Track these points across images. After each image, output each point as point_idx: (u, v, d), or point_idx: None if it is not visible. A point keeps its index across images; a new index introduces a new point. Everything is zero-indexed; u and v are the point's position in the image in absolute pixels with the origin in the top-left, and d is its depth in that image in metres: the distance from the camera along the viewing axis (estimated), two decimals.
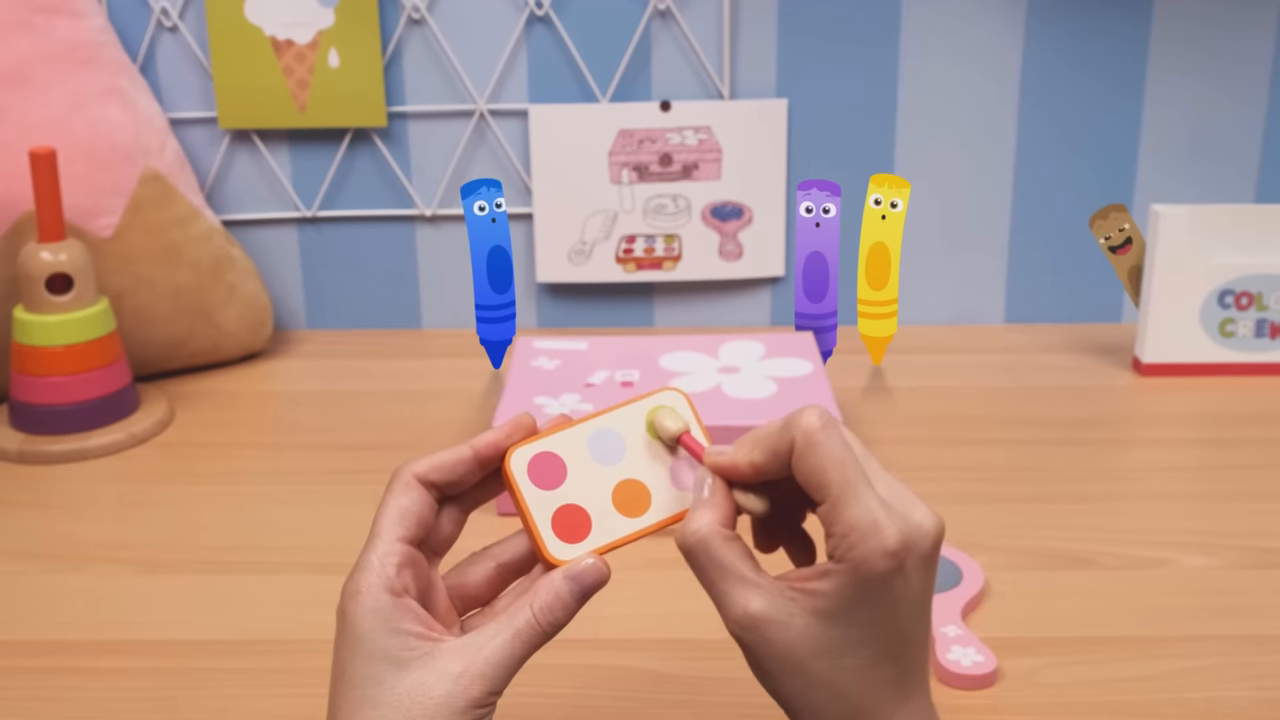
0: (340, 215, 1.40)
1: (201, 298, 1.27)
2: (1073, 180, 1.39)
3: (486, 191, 1.21)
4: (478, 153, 1.38)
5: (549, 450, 0.61)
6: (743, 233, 1.39)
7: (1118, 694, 0.76)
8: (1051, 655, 0.80)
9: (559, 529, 0.60)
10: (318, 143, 1.38)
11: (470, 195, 1.20)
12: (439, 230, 1.41)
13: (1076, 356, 1.32)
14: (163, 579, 0.92)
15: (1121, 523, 0.98)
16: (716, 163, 1.37)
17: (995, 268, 1.42)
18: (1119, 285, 1.40)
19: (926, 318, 1.43)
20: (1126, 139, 1.37)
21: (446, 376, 1.29)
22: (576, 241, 1.39)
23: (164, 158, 1.25)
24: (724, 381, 1.06)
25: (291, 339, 1.41)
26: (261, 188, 1.39)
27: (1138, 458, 1.10)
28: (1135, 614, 0.85)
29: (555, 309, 1.43)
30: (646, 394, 0.64)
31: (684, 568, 0.59)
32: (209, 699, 0.77)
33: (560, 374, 1.09)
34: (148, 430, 1.15)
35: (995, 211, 1.40)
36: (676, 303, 1.43)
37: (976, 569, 0.88)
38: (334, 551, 0.94)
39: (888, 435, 1.13)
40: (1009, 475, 1.06)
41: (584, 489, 0.61)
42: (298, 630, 0.84)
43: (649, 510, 0.62)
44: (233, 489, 1.05)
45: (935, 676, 0.77)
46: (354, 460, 1.10)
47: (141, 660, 0.81)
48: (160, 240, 1.23)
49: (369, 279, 1.43)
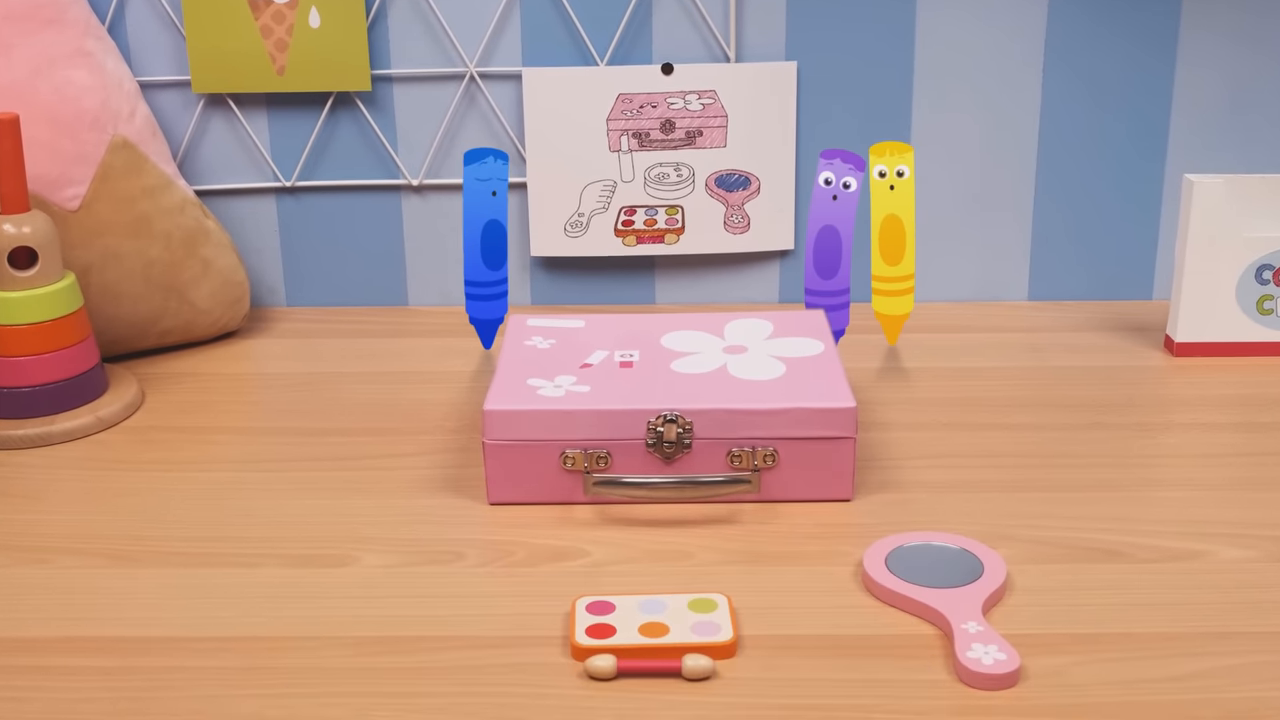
0: (321, 185, 1.40)
1: (174, 273, 1.27)
2: (1101, 147, 1.38)
3: (493, 164, 1.20)
4: (468, 118, 1.38)
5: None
6: (749, 204, 1.39)
7: (1148, 694, 0.76)
8: (1078, 653, 0.80)
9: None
10: (297, 108, 1.37)
11: (474, 164, 1.19)
12: (426, 201, 1.41)
13: (1105, 335, 1.32)
14: (132, 572, 0.91)
15: (1153, 513, 0.97)
16: (722, 129, 1.36)
17: (1018, 241, 1.41)
18: (1151, 259, 1.40)
19: (945, 294, 1.43)
20: (1158, 102, 1.37)
21: (434, 357, 1.29)
22: (573, 213, 1.39)
23: (134, 124, 1.25)
24: (729, 362, 1.06)
25: (269, 317, 1.41)
26: (238, 156, 1.39)
27: (1170, 443, 1.09)
28: (1167, 609, 0.85)
29: (550, 285, 1.43)
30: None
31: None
32: (182, 700, 0.77)
33: (555, 354, 1.09)
34: (116, 414, 1.15)
35: (1019, 180, 1.40)
36: (679, 278, 1.43)
37: (998, 561, 0.88)
38: (314, 543, 0.95)
39: (903, 420, 1.13)
40: (1033, 462, 1.06)
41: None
42: (276, 626, 0.84)
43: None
44: (207, 476, 1.05)
45: (955, 675, 0.77)
46: (335, 446, 1.10)
47: (110, 659, 0.81)
48: (130, 212, 1.23)
49: (352, 253, 1.42)
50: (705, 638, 0.80)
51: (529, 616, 0.85)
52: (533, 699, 0.76)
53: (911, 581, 0.85)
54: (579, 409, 0.98)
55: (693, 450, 0.98)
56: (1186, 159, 1.38)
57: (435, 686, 0.78)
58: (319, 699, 0.77)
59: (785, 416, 0.97)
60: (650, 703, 0.76)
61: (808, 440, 0.98)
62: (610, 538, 0.95)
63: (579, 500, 0.99)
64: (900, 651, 0.80)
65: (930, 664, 0.79)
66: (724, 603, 0.84)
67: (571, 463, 0.98)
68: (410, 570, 0.91)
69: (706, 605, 0.83)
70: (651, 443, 0.98)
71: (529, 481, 0.99)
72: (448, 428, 1.13)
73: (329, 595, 0.88)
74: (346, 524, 0.97)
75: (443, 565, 0.91)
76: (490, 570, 0.91)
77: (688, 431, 0.97)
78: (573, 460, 0.98)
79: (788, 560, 0.91)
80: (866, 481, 1.02)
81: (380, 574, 0.90)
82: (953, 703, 0.75)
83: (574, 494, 0.99)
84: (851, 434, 0.98)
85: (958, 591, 0.84)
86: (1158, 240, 1.40)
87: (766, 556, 0.92)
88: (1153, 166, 1.38)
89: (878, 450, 1.07)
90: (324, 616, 0.85)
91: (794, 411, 0.97)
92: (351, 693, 0.77)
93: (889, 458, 1.06)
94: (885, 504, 0.99)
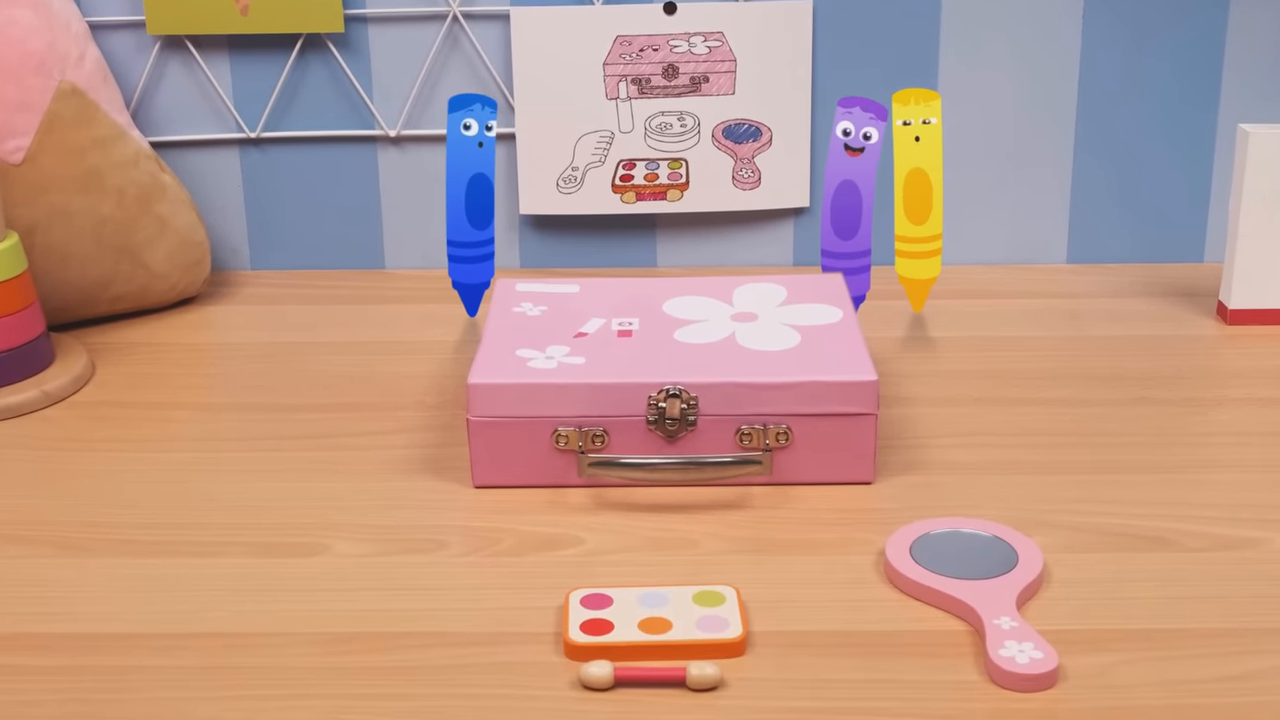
0: (289, 136, 1.40)
1: (127, 233, 1.27)
2: (1146, 95, 1.38)
3: (480, 110, 1.21)
4: (450, 63, 1.37)
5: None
6: (760, 157, 1.39)
7: (1199, 696, 0.76)
8: (1122, 651, 0.80)
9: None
10: (263, 51, 1.37)
11: (458, 111, 1.19)
12: (405, 154, 1.40)
13: (1151, 302, 1.32)
14: (82, 562, 0.91)
15: (1204, 496, 0.97)
16: (730, 74, 1.36)
17: (1056, 199, 1.41)
18: (1202, 218, 1.40)
19: (975, 256, 1.43)
20: (1209, 48, 1.36)
21: (414, 326, 1.29)
22: (566, 167, 1.39)
23: (83, 69, 1.25)
24: (738, 331, 1.06)
25: (232, 281, 1.41)
26: (197, 104, 1.39)
27: (1223, 420, 1.09)
28: (1220, 603, 0.85)
29: (541, 246, 1.43)
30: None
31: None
32: (137, 703, 0.77)
33: (547, 322, 1.09)
34: (64, 388, 1.15)
35: (1056, 133, 1.39)
36: (683, 238, 1.43)
37: (1034, 551, 0.88)
38: (281, 530, 0.95)
39: (930, 394, 1.13)
40: (1072, 441, 1.05)
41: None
42: (239, 622, 0.84)
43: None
44: (163, 457, 1.05)
45: (986, 675, 0.77)
46: (305, 424, 1.10)
47: (58, 657, 0.81)
48: (79, 165, 1.23)
49: (323, 211, 1.43)
50: (711, 634, 0.80)
51: (518, 611, 0.84)
52: (522, 701, 0.76)
53: (938, 572, 0.85)
54: (573, 382, 0.98)
55: (698, 428, 0.98)
56: (1240, 108, 1.38)
57: (414, 688, 0.78)
58: (285, 701, 0.77)
59: (799, 391, 0.97)
60: (651, 706, 0.76)
61: (824, 417, 0.98)
62: (607, 524, 0.95)
63: (573, 483, 0.99)
64: (926, 650, 0.80)
65: (959, 663, 0.79)
66: (732, 596, 0.83)
67: (564, 442, 0.98)
68: (386, 560, 0.91)
69: (713, 598, 0.83)
70: (653, 420, 0.97)
71: (518, 462, 0.99)
72: (428, 403, 1.13)
73: (297, 587, 0.88)
74: (317, 509, 0.97)
75: (422, 554, 0.91)
76: (475, 560, 0.91)
77: (692, 407, 0.97)
78: (566, 439, 0.98)
79: (802, 549, 0.91)
80: (889, 462, 1.02)
81: (353, 564, 0.90)
82: (984, 706, 0.75)
83: (567, 476, 0.99)
84: (873, 410, 0.98)
85: (989, 583, 0.84)
86: (1209, 197, 1.40)
87: (779, 545, 0.92)
88: (1204, 116, 1.38)
89: (901, 428, 1.07)
90: (291, 611, 0.85)
91: (809, 385, 0.97)
92: (321, 695, 0.77)
93: (914, 436, 1.06)
94: (910, 487, 0.99)
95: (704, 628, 0.80)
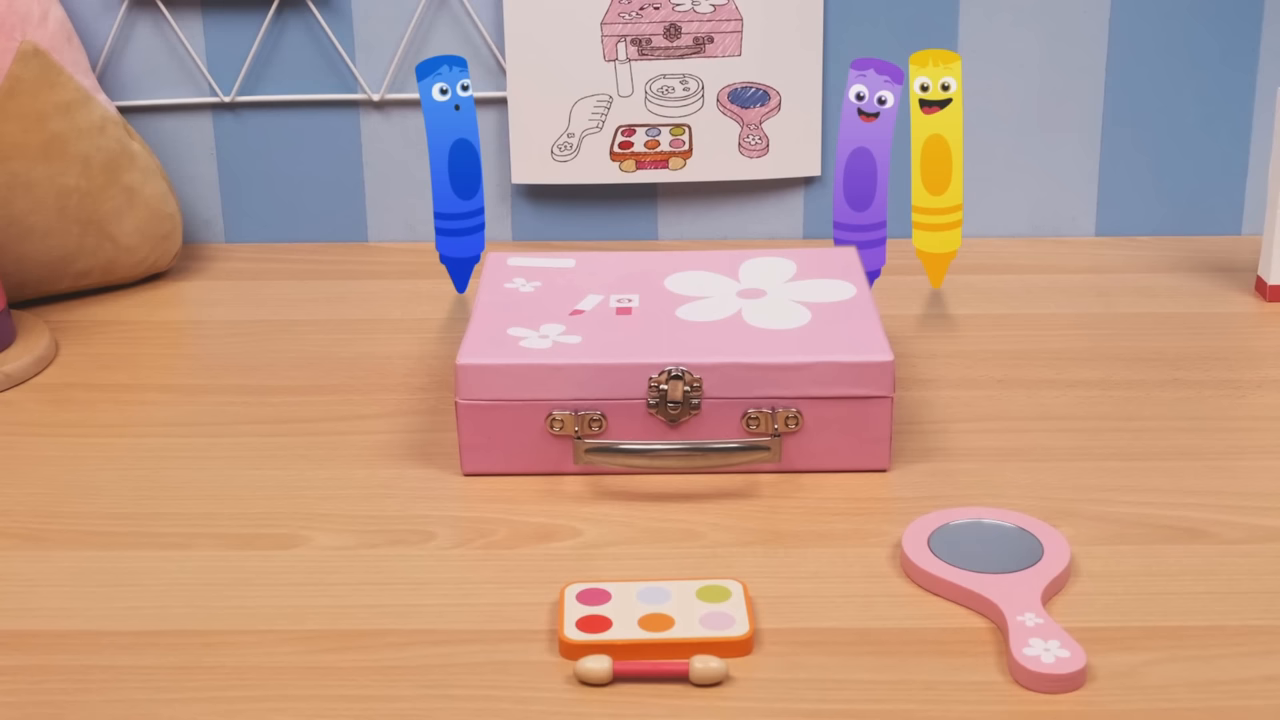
0: (266, 101, 1.40)
1: (93, 204, 1.26)
2: (1180, 57, 1.38)
3: (448, 72, 1.21)
4: (437, 22, 1.37)
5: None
6: (768, 122, 1.39)
7: (1236, 698, 0.76)
8: (1154, 650, 0.80)
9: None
10: (237, 10, 1.37)
11: (428, 77, 1.19)
12: (389, 120, 1.40)
13: (1185, 277, 1.32)
14: (45, 554, 0.91)
15: (1242, 485, 0.97)
16: (736, 35, 1.36)
17: (1084, 168, 1.41)
18: (1240, 188, 1.40)
19: (998, 229, 1.43)
20: (1247, 4, 1.36)
21: (399, 302, 1.29)
22: (561, 134, 1.38)
23: (46, 28, 1.24)
24: (745, 308, 1.06)
25: (205, 255, 1.41)
26: (168, 66, 1.39)
27: (1262, 403, 1.09)
28: (1259, 598, 0.85)
29: (535, 218, 1.43)
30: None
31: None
32: (103, 704, 0.77)
33: (541, 299, 1.09)
34: (25, 369, 1.15)
35: (1084, 96, 1.39)
36: (686, 210, 1.43)
37: (1061, 543, 0.88)
38: (256, 520, 0.95)
39: (949, 375, 1.13)
40: (1101, 426, 1.06)
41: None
42: (211, 618, 0.84)
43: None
44: (132, 443, 1.05)
45: (1010, 676, 0.77)
46: (283, 407, 1.10)
47: (19, 656, 0.81)
48: (41, 132, 1.23)
49: (302, 180, 1.42)
50: (716, 632, 0.80)
51: (511, 607, 0.85)
52: (515, 703, 0.76)
53: (959, 566, 0.85)
54: (568, 363, 0.98)
55: (702, 412, 0.98)
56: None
57: (399, 689, 0.78)
58: (261, 703, 0.77)
59: (810, 372, 0.97)
60: (652, 707, 0.76)
61: (837, 400, 0.98)
62: (605, 514, 0.95)
63: (568, 470, 0.99)
64: (945, 648, 0.80)
65: (981, 662, 0.79)
66: (738, 590, 0.84)
67: (560, 426, 0.98)
68: (370, 553, 0.91)
69: (718, 594, 0.83)
70: (654, 403, 0.97)
71: (510, 448, 0.99)
72: (414, 385, 1.13)
73: (274, 582, 0.88)
74: (295, 498, 0.97)
75: (409, 546, 0.91)
76: (464, 553, 0.91)
77: (696, 390, 0.97)
78: (561, 423, 0.98)
79: (813, 541, 0.91)
80: (906, 449, 1.02)
81: (335, 556, 0.90)
82: (1007, 708, 0.75)
83: (563, 463, 0.99)
84: (888, 393, 0.98)
85: (1013, 577, 0.84)
86: (1247, 166, 1.40)
87: (788, 537, 0.92)
88: (1241, 79, 1.38)
89: (919, 412, 1.07)
90: (268, 607, 0.85)
91: (821, 366, 0.97)
92: (300, 696, 0.77)
93: (932, 420, 1.06)
94: (928, 475, 0.99)
95: (708, 625, 0.80)
